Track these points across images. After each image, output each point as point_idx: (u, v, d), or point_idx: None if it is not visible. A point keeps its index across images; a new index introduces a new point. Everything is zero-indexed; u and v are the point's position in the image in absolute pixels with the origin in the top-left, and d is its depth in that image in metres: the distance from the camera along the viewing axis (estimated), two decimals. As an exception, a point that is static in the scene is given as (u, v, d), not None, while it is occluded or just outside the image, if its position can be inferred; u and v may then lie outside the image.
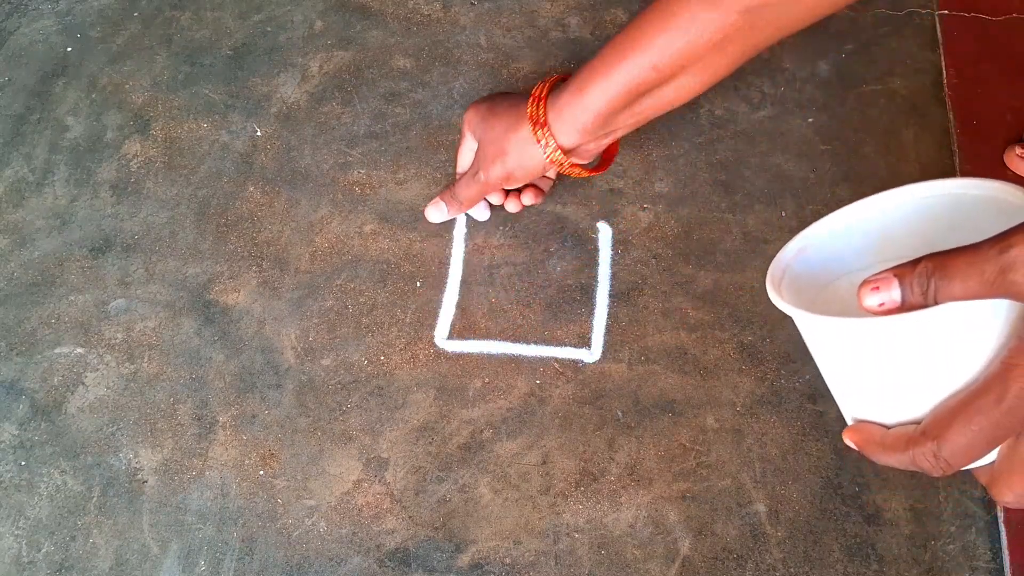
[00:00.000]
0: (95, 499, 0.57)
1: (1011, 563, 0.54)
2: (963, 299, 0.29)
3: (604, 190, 0.68)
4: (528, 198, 0.63)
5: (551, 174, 0.63)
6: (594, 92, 0.51)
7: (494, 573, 0.55)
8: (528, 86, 0.73)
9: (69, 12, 0.78)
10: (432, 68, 0.74)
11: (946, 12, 0.75)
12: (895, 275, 0.31)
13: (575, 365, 0.61)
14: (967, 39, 0.74)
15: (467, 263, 0.65)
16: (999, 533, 0.55)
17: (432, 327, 0.63)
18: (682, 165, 0.69)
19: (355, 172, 0.69)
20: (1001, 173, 0.68)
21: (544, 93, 0.54)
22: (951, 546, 0.55)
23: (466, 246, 0.66)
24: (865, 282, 0.31)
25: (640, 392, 0.60)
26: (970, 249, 0.29)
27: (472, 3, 0.77)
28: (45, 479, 0.58)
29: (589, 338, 0.62)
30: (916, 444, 0.33)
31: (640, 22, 0.48)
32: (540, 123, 0.53)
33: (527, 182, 0.59)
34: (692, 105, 0.72)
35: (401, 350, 0.62)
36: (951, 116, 0.70)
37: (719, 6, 0.45)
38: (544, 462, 0.58)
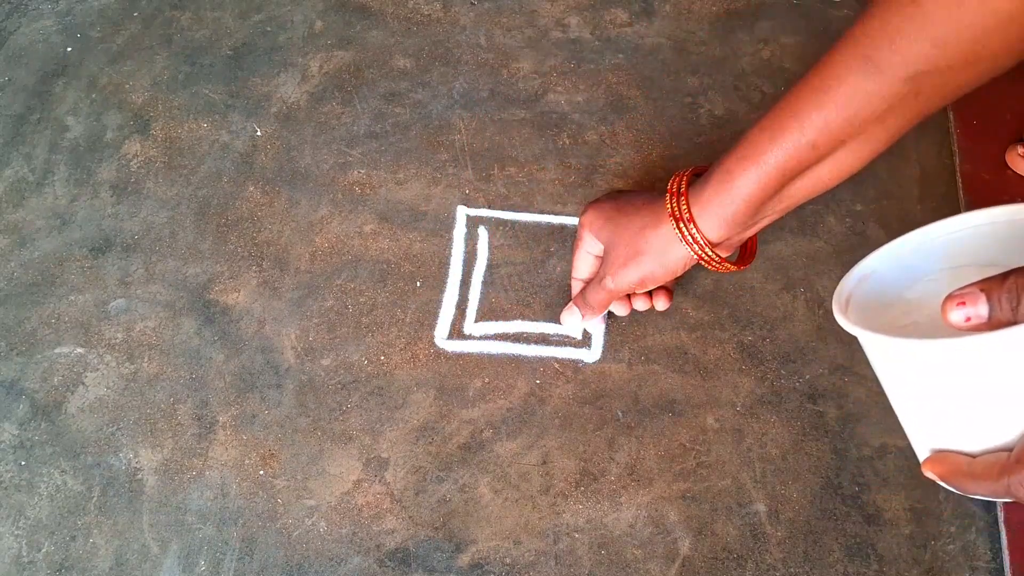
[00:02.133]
0: (95, 499, 0.57)
1: (1011, 563, 0.54)
2: None
3: (604, 190, 0.68)
4: (661, 303, 0.58)
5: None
6: (744, 177, 0.46)
7: (494, 573, 0.55)
8: (528, 86, 0.73)
9: (69, 12, 0.78)
10: (432, 68, 0.74)
11: (946, 12, 0.75)
12: (982, 289, 0.30)
13: (575, 365, 0.61)
14: (967, 39, 0.73)
15: (467, 263, 0.65)
16: (999, 533, 0.55)
17: (432, 327, 0.63)
18: (682, 165, 0.69)
19: (355, 172, 0.69)
20: (1001, 173, 0.68)
21: (684, 187, 0.50)
22: (951, 546, 0.55)
23: (466, 246, 0.66)
24: (950, 296, 0.30)
25: (640, 392, 0.60)
26: None
27: (472, 3, 0.77)
28: (45, 479, 0.58)
29: (589, 338, 0.62)
30: (1012, 472, 0.31)
31: (792, 99, 0.44)
32: (684, 219, 0.49)
33: (666, 282, 0.54)
34: (692, 105, 0.72)
35: (401, 350, 0.62)
36: (951, 116, 0.70)
37: (882, 75, 0.40)
38: (544, 462, 0.58)
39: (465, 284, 0.64)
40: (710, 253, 0.49)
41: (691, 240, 0.49)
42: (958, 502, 0.56)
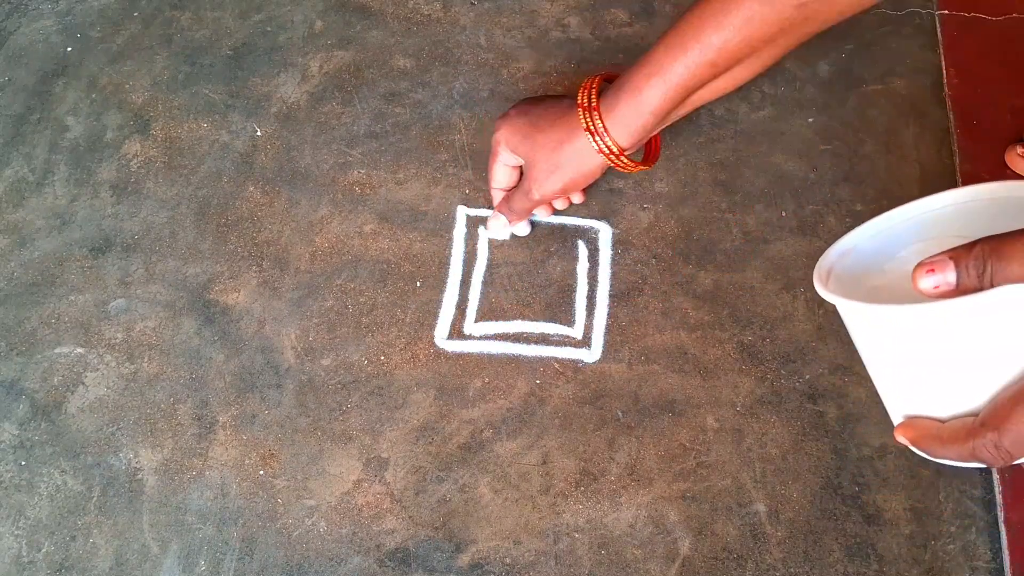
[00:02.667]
0: (95, 499, 0.57)
1: (1011, 563, 0.54)
2: (1021, 281, 0.29)
3: (604, 190, 0.68)
4: (577, 197, 0.63)
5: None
6: (651, 93, 0.51)
7: (494, 573, 0.55)
8: (529, 86, 0.73)
9: (69, 12, 0.78)
10: (432, 68, 0.74)
11: (946, 12, 0.75)
12: (951, 257, 0.31)
13: (575, 365, 0.61)
14: (967, 39, 0.74)
15: (467, 263, 0.65)
16: (999, 533, 0.55)
17: (432, 327, 0.63)
18: (682, 165, 0.69)
19: (355, 172, 0.69)
20: (1001, 173, 0.68)
21: (594, 101, 0.54)
22: (951, 546, 0.55)
23: (466, 246, 0.66)
24: (920, 264, 0.31)
25: (640, 392, 0.60)
26: None
27: (472, 3, 0.77)
28: (45, 479, 0.58)
29: (589, 338, 0.62)
30: (976, 435, 0.32)
31: (694, 20, 0.48)
32: (599, 132, 0.53)
33: (585, 186, 0.60)
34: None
35: (401, 350, 0.62)
36: (951, 116, 0.70)
37: (775, 2, 0.45)
38: (544, 462, 0.58)
39: (465, 284, 0.64)
40: (624, 160, 0.55)
41: (606, 151, 0.54)
42: (958, 502, 0.56)
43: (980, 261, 0.30)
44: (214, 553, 0.56)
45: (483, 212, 0.67)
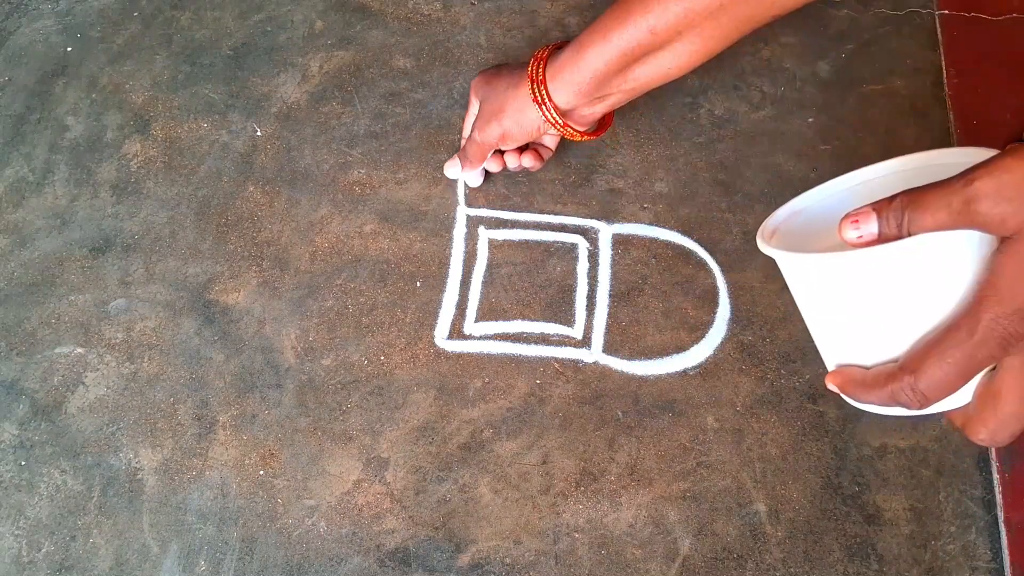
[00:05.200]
0: (95, 499, 0.57)
1: (1011, 563, 0.54)
2: (933, 230, 0.31)
3: (604, 190, 0.68)
4: (528, 159, 0.63)
5: (549, 142, 0.64)
6: (591, 53, 0.52)
7: (494, 573, 0.55)
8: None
9: (69, 12, 0.78)
10: (432, 68, 0.74)
11: (946, 12, 0.75)
12: (873, 209, 0.33)
13: (575, 365, 0.61)
14: (967, 39, 0.74)
15: (467, 263, 0.65)
16: (999, 533, 0.55)
17: (432, 327, 0.63)
18: (682, 165, 0.69)
19: (355, 172, 0.69)
20: (1001, 173, 0.68)
21: (546, 55, 0.56)
22: (951, 546, 0.55)
23: (466, 246, 0.66)
24: (845, 216, 0.33)
25: (640, 392, 0.60)
26: (941, 183, 0.31)
27: (472, 3, 0.77)
28: (45, 479, 0.58)
29: (589, 338, 0.62)
30: (894, 379, 0.34)
31: None
32: (538, 81, 0.55)
33: (523, 142, 0.61)
34: (692, 105, 0.72)
35: (401, 350, 0.62)
36: (951, 116, 0.70)
37: None
38: (544, 462, 0.58)
39: (465, 284, 0.64)
40: (555, 116, 0.56)
41: (540, 100, 0.55)
42: (958, 502, 0.56)
43: (899, 212, 0.31)
44: (214, 553, 0.56)
45: (483, 212, 0.67)
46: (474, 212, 0.67)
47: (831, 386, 0.39)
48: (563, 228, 0.67)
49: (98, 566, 0.55)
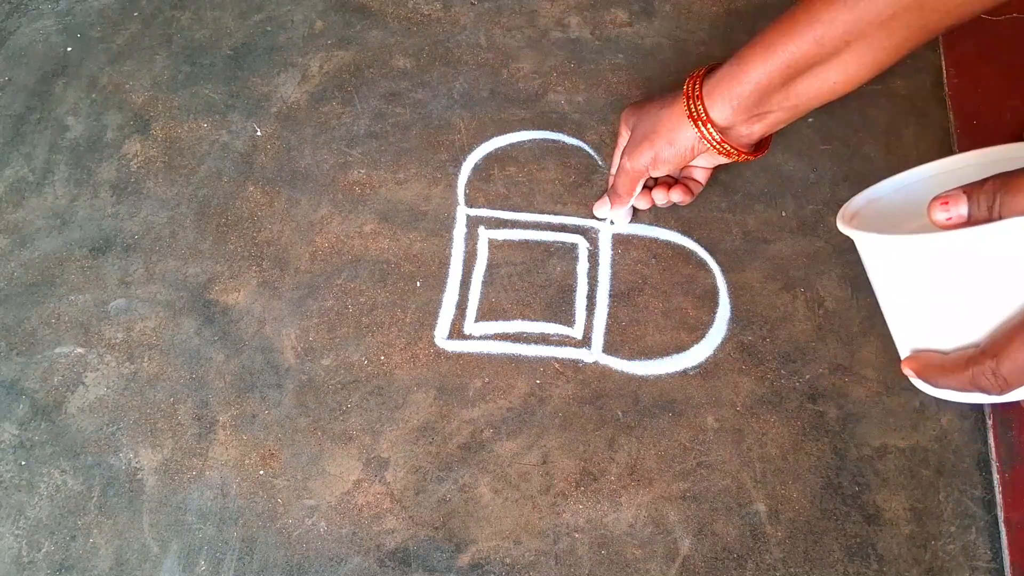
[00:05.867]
0: (95, 499, 0.57)
1: (1011, 563, 0.54)
2: None
3: (604, 190, 0.68)
4: (676, 194, 0.61)
5: (700, 175, 0.62)
6: (753, 64, 0.50)
7: (494, 573, 0.55)
8: (528, 86, 0.73)
9: (69, 12, 0.78)
10: (432, 68, 0.74)
11: (946, 12, 0.75)
12: (964, 191, 0.32)
13: (575, 365, 0.61)
14: (967, 39, 0.74)
15: (467, 263, 0.65)
16: (999, 533, 0.55)
17: (432, 327, 0.63)
18: (682, 165, 0.69)
19: (355, 172, 0.69)
20: (1001, 173, 0.68)
21: (703, 72, 0.54)
22: (951, 546, 0.55)
23: (466, 246, 0.66)
24: (935, 198, 0.33)
25: (640, 392, 0.60)
26: None
27: (472, 3, 0.77)
28: (45, 479, 0.58)
29: (589, 338, 0.62)
30: (976, 363, 0.34)
31: (805, 1, 0.48)
32: (695, 96, 0.53)
33: (677, 166, 0.58)
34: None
35: (401, 350, 0.62)
36: (951, 116, 0.70)
37: None
38: (544, 462, 0.58)
39: (465, 284, 0.64)
40: (713, 133, 0.53)
41: (697, 116, 0.53)
42: (958, 502, 0.56)
43: (990, 195, 0.31)
44: (214, 553, 0.56)
45: (483, 212, 0.67)
46: (474, 212, 0.67)
47: (907, 371, 0.38)
48: (563, 228, 0.67)
49: (98, 566, 0.55)
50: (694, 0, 0.77)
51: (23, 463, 0.59)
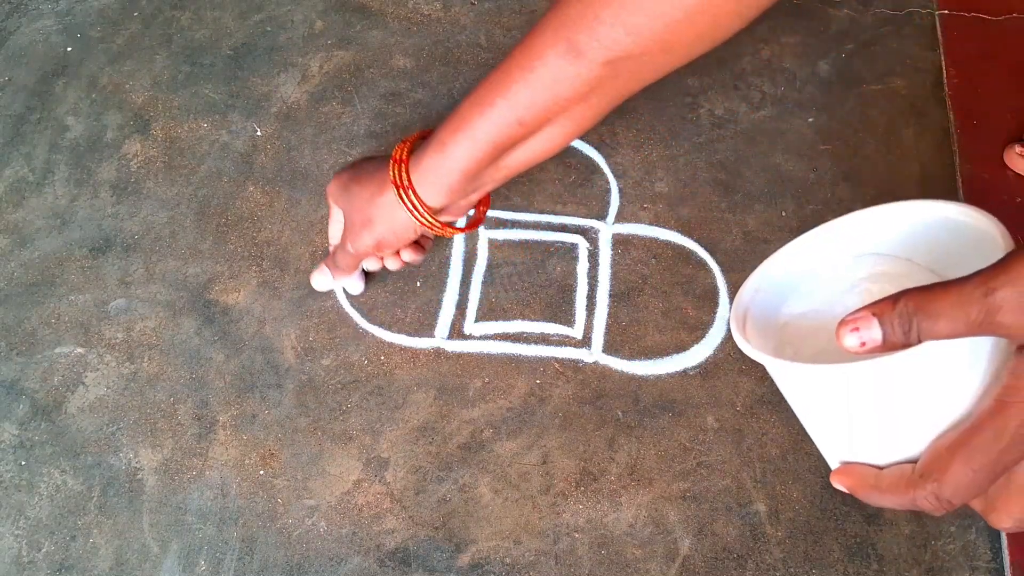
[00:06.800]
0: (95, 499, 0.57)
1: (1011, 563, 0.54)
2: (949, 338, 0.29)
3: (604, 190, 0.68)
4: (408, 255, 0.58)
5: (429, 235, 0.60)
6: (457, 150, 0.48)
7: (494, 573, 0.55)
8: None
9: (69, 12, 0.78)
10: (432, 68, 0.74)
11: (946, 12, 0.75)
12: (873, 314, 0.30)
13: (575, 365, 0.61)
14: (967, 39, 0.74)
15: (467, 263, 0.65)
16: (999, 533, 0.55)
17: (432, 327, 0.63)
18: (682, 165, 0.69)
19: (355, 172, 0.69)
20: (1001, 172, 0.68)
21: (404, 155, 0.52)
22: (951, 546, 0.55)
23: (466, 246, 0.66)
24: (843, 322, 0.31)
25: (640, 392, 0.60)
26: (953, 289, 0.28)
27: (472, 3, 0.77)
28: (45, 479, 0.58)
29: (589, 338, 0.62)
30: (916, 487, 0.32)
31: (499, 75, 0.46)
32: (404, 186, 0.51)
33: (401, 246, 0.57)
34: (692, 105, 0.72)
35: (401, 350, 0.62)
36: (951, 116, 0.70)
37: (581, 59, 0.43)
38: (544, 462, 0.58)
39: (465, 284, 0.64)
40: (430, 219, 0.52)
41: (411, 207, 0.51)
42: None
43: (906, 318, 0.29)
44: (214, 553, 0.56)
45: (483, 212, 0.67)
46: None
47: (838, 486, 0.35)
48: (563, 228, 0.67)
49: (98, 566, 0.55)
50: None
51: (23, 463, 0.59)
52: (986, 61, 0.73)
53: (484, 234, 0.66)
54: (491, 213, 0.67)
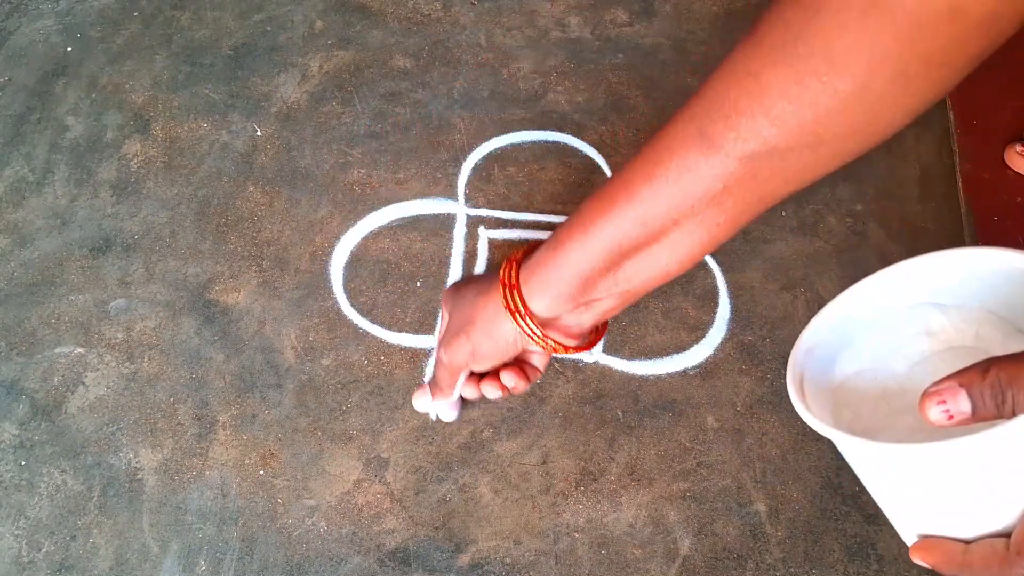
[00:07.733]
0: (95, 499, 0.57)
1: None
2: None
3: (604, 190, 0.68)
4: (510, 378, 0.50)
5: (537, 361, 0.51)
6: (571, 249, 0.43)
7: (494, 573, 0.55)
8: (528, 86, 0.73)
9: (69, 12, 0.78)
10: (432, 68, 0.74)
11: (946, 12, 0.75)
12: (960, 384, 0.28)
13: (575, 365, 0.61)
14: (967, 39, 0.73)
15: (467, 263, 0.65)
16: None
17: (432, 327, 0.63)
18: (682, 165, 0.69)
19: (355, 172, 0.69)
20: (1001, 172, 0.68)
21: (520, 255, 0.47)
22: (951, 546, 0.55)
23: (466, 246, 0.66)
24: (927, 394, 0.29)
25: (640, 392, 0.60)
26: None
27: (472, 3, 0.77)
28: (45, 479, 0.58)
29: (589, 338, 0.62)
30: (1011, 564, 0.30)
31: (624, 172, 0.41)
32: (510, 285, 0.45)
33: (499, 362, 0.49)
34: (692, 105, 0.72)
35: (401, 350, 0.62)
36: (951, 116, 0.70)
37: (716, 153, 0.36)
38: (544, 462, 0.58)
39: (465, 284, 0.64)
40: (533, 327, 0.45)
41: (514, 308, 0.45)
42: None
43: (997, 389, 0.28)
44: (214, 553, 0.56)
45: (483, 212, 0.67)
46: (474, 212, 0.67)
47: (919, 561, 0.33)
48: (563, 228, 0.67)
49: (98, 566, 0.55)
50: (694, 0, 0.77)
51: (23, 463, 0.59)
52: (986, 61, 0.72)
53: (484, 234, 0.66)
54: (491, 213, 0.67)
